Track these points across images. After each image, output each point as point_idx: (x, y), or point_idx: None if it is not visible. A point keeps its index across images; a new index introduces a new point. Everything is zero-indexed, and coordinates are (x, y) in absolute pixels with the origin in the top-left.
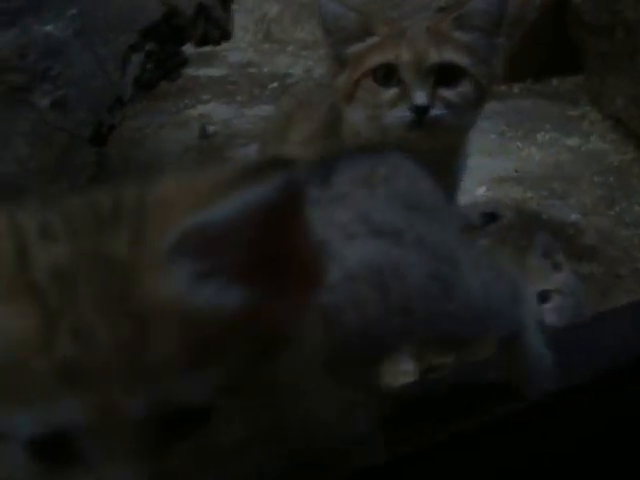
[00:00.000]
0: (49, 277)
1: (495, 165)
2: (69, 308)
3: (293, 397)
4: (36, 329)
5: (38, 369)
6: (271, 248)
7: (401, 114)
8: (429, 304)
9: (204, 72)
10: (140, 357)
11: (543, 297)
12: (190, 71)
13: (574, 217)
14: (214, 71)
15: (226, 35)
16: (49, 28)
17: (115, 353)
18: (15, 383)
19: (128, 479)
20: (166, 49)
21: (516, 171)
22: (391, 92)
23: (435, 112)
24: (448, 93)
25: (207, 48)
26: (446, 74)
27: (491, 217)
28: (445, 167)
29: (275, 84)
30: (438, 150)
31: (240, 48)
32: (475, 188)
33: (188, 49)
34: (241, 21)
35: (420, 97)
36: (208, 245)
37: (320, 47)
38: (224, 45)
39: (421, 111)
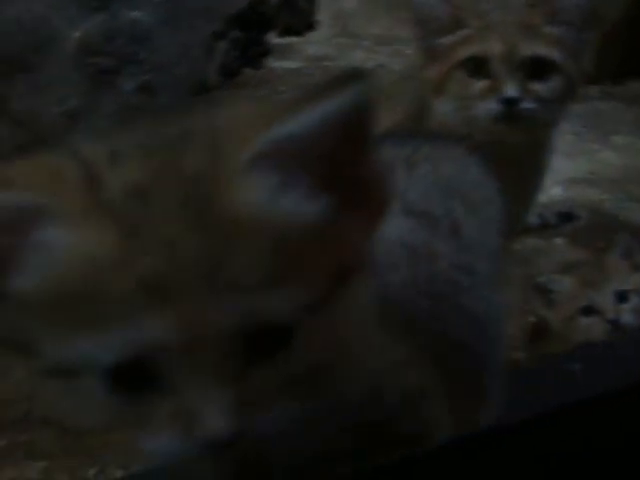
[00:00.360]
0: (124, 197)
1: (571, 166)
2: (149, 226)
3: (356, 338)
4: (118, 246)
5: (120, 290)
6: (346, 162)
7: (491, 106)
8: (449, 295)
9: (280, 64)
10: (223, 271)
11: (621, 297)
12: (268, 62)
13: None
14: (290, 63)
15: (310, 26)
16: (137, 14)
17: (198, 268)
18: (96, 308)
19: (213, 402)
20: (250, 37)
21: (592, 173)
22: (481, 84)
23: (525, 105)
24: (538, 87)
25: (285, 40)
26: (537, 68)
27: (567, 217)
28: (531, 162)
29: None
30: (525, 144)
31: (316, 42)
32: (551, 187)
33: (271, 39)
34: (318, 15)
35: (511, 90)
36: (288, 155)
37: (394, 42)
38: (301, 38)
39: (511, 103)
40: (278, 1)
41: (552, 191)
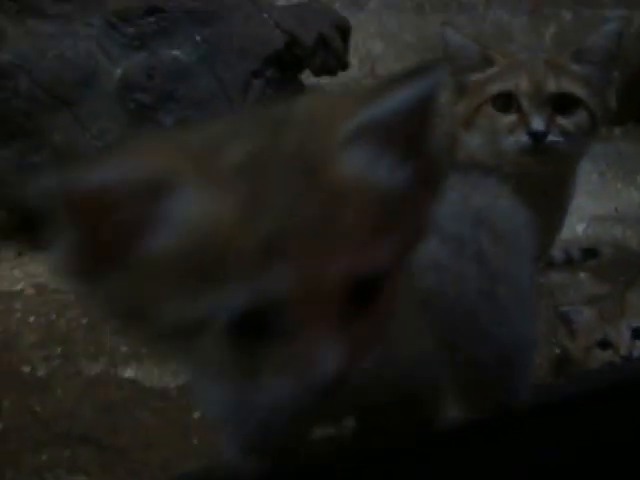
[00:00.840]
0: (240, 169)
1: (595, 204)
2: (265, 192)
3: (406, 312)
4: (239, 212)
5: (243, 248)
6: (419, 140)
7: (518, 139)
8: (470, 318)
9: None
10: (331, 229)
11: (637, 333)
12: None
13: None
14: None
15: (344, 65)
16: (176, 52)
17: (310, 226)
18: (222, 267)
19: (324, 347)
20: (286, 76)
21: (616, 210)
22: (509, 118)
23: (551, 138)
24: (564, 121)
25: (316, 81)
26: (563, 103)
27: (591, 253)
28: (556, 194)
29: None
30: (551, 177)
31: (345, 83)
32: (575, 225)
33: (307, 78)
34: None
35: (538, 123)
36: (378, 132)
37: None
38: (329, 80)
39: (538, 137)
40: (313, 42)
41: (577, 228)
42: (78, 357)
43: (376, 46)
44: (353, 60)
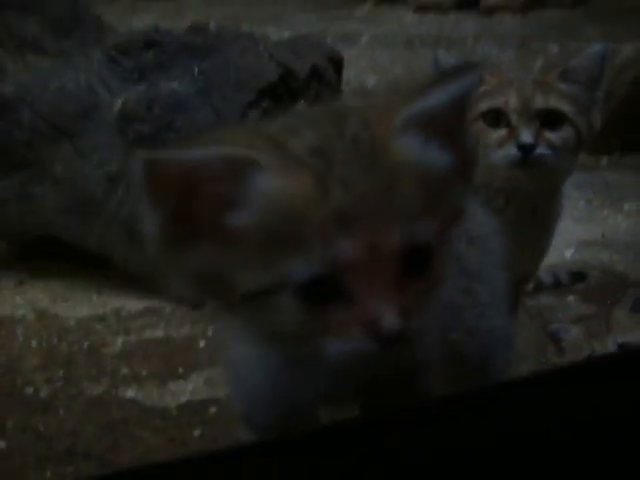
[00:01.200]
0: (310, 153)
1: (583, 230)
2: (333, 172)
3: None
4: (313, 188)
5: (316, 220)
6: (458, 132)
7: (508, 152)
8: (456, 314)
9: None
10: (391, 203)
11: (622, 349)
12: None
13: None
14: None
15: (336, 96)
16: (174, 85)
17: (373, 201)
18: (298, 236)
19: (387, 305)
20: (281, 107)
21: (603, 236)
22: (499, 133)
23: (539, 151)
24: (552, 135)
25: None
26: (550, 119)
27: (579, 276)
28: (544, 210)
29: None
30: (539, 191)
31: None
32: (564, 250)
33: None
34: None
35: (526, 136)
36: (427, 123)
37: None
38: None
39: (527, 149)
40: (307, 73)
41: (565, 253)
42: (80, 379)
43: (368, 80)
44: (347, 93)
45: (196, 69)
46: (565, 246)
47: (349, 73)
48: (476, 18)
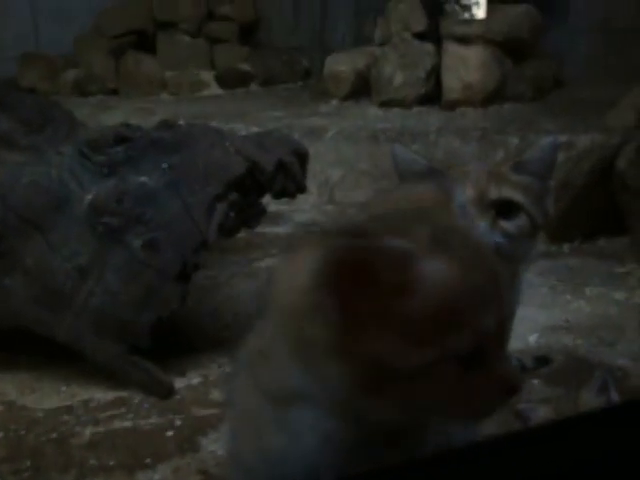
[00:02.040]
0: (441, 244)
1: (546, 315)
2: (468, 258)
3: None
4: (463, 276)
5: (469, 299)
6: None
7: None
8: None
9: (272, 229)
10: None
11: None
12: (258, 229)
13: (622, 362)
14: (280, 229)
15: (301, 189)
16: (144, 179)
17: (498, 289)
18: (456, 314)
19: (512, 367)
20: (248, 199)
21: (567, 321)
22: None
23: (494, 239)
24: (506, 224)
25: (276, 208)
26: (504, 208)
27: (543, 360)
28: None
29: None
30: None
31: (304, 210)
32: (528, 335)
33: (267, 201)
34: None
35: (482, 226)
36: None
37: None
38: (289, 206)
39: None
40: (273, 167)
41: (529, 338)
42: (48, 470)
43: (334, 174)
44: (312, 187)
45: (165, 163)
46: (529, 331)
47: (315, 167)
48: (439, 112)
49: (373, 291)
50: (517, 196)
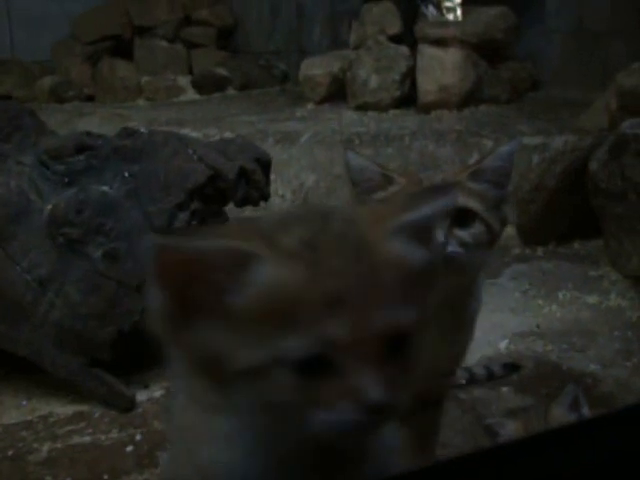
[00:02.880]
0: (303, 246)
1: (518, 321)
2: (323, 262)
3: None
4: (304, 278)
5: (308, 305)
6: (434, 237)
7: None
8: None
9: None
10: (376, 293)
11: None
12: None
13: (592, 368)
14: None
15: (265, 197)
16: (105, 188)
17: (360, 290)
18: (291, 319)
19: (372, 379)
20: (210, 208)
21: (537, 326)
22: None
23: (450, 249)
24: (462, 233)
25: (243, 212)
26: (460, 217)
27: (512, 367)
28: (461, 305)
29: None
30: (452, 289)
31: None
32: (498, 341)
33: (230, 209)
34: (279, 190)
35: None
36: (414, 229)
37: None
38: (263, 212)
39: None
40: (235, 175)
41: (499, 345)
42: None
43: (308, 178)
44: (286, 191)
45: (126, 172)
46: (500, 338)
47: (289, 172)
48: (414, 115)
49: (198, 288)
50: (473, 204)
